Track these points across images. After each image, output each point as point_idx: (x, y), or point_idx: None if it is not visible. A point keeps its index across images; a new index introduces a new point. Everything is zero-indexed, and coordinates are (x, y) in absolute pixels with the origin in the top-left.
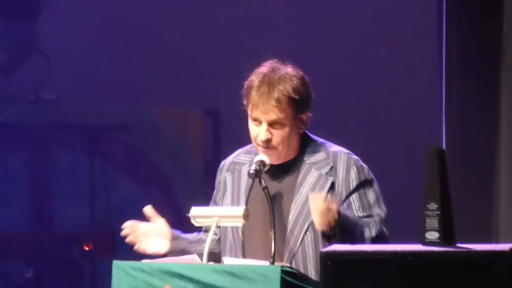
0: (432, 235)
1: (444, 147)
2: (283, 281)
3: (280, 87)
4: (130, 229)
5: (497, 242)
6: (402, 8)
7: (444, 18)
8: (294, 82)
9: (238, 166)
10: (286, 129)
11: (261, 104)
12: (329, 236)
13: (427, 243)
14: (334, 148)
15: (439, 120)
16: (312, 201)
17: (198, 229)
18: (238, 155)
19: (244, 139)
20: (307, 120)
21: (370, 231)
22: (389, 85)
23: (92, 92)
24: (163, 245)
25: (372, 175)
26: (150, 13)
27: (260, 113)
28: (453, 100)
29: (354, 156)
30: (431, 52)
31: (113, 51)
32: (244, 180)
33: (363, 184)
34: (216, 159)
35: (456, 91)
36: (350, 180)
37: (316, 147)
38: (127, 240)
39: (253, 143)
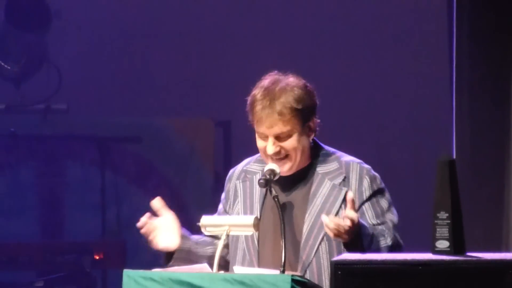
0: (443, 244)
1: (454, 156)
2: None
3: (282, 100)
4: (145, 223)
5: (507, 251)
6: (412, 17)
7: (455, 25)
8: (296, 92)
9: (250, 175)
10: (294, 139)
11: (264, 118)
12: (347, 244)
13: (437, 252)
14: (346, 158)
15: (450, 129)
16: (325, 220)
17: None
18: (249, 164)
19: (254, 149)
20: (316, 126)
21: (386, 240)
22: (400, 94)
23: (103, 102)
24: (173, 241)
25: (384, 184)
26: (161, 25)
27: (265, 128)
28: (464, 110)
29: (366, 166)
30: (441, 62)
31: (124, 62)
32: (257, 189)
33: (375, 194)
34: (226, 169)
35: (466, 100)
36: (363, 190)
37: (328, 157)
38: (142, 231)
39: (262, 156)
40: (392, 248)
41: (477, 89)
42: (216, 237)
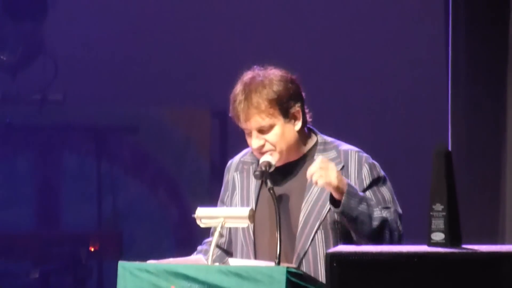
0: (438, 236)
1: (450, 148)
2: (288, 282)
3: (257, 93)
4: None
5: (503, 243)
6: (409, 11)
7: (451, 18)
8: (273, 83)
9: (247, 165)
10: (277, 130)
11: (241, 113)
12: (335, 201)
13: (433, 244)
14: (345, 146)
15: (445, 120)
16: (309, 168)
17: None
18: (246, 154)
19: None
20: (301, 114)
21: (381, 212)
22: (395, 86)
23: (99, 93)
24: None
25: (383, 172)
26: (157, 14)
27: (243, 122)
28: (460, 101)
29: (365, 154)
30: (437, 53)
31: (120, 52)
32: (254, 180)
33: (376, 181)
34: (223, 160)
35: (462, 91)
36: (363, 177)
37: (326, 146)
38: None
39: (253, 152)
40: (387, 225)
41: (472, 80)
42: (227, 252)
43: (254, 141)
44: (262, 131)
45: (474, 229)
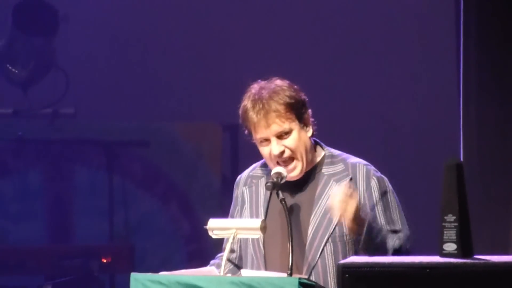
0: (450, 247)
1: (462, 159)
2: None
3: (274, 99)
4: None
5: None
6: (419, 22)
7: (462, 28)
8: (284, 89)
9: (256, 179)
10: (295, 134)
11: (261, 120)
12: (355, 234)
13: (445, 255)
14: (352, 159)
15: (457, 132)
16: (332, 194)
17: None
18: (255, 169)
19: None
20: (310, 122)
21: (393, 242)
22: (407, 98)
23: (110, 107)
24: None
25: (391, 186)
26: (168, 29)
27: (264, 130)
28: (471, 113)
29: (372, 167)
30: (448, 65)
31: (131, 67)
32: (262, 193)
33: (385, 194)
34: (234, 173)
35: (473, 103)
36: (372, 191)
37: (333, 159)
38: None
39: (269, 164)
40: (398, 253)
41: (484, 92)
42: (238, 267)
43: (275, 147)
44: (280, 137)
45: (486, 240)
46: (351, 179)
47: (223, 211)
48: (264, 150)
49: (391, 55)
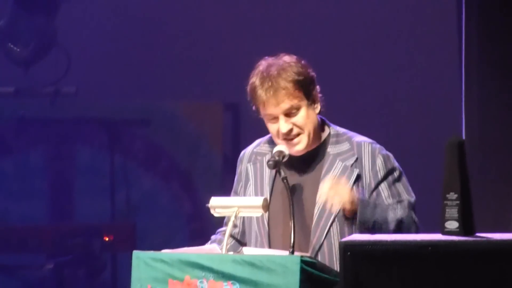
0: (452, 225)
1: (464, 137)
2: (302, 271)
3: (283, 76)
4: None
5: None
6: (422, 2)
7: (464, 8)
8: (293, 65)
9: (260, 156)
10: (303, 112)
11: (270, 98)
12: (348, 218)
13: (447, 233)
14: (358, 138)
15: (459, 110)
16: (321, 185)
17: (217, 221)
18: (259, 145)
19: (263, 132)
20: (318, 98)
21: (395, 214)
22: (409, 76)
23: (112, 86)
24: None
25: (397, 163)
26: (170, 7)
27: (273, 107)
28: (473, 91)
29: (378, 145)
30: (450, 44)
31: (133, 45)
32: (267, 171)
33: (390, 172)
34: (236, 152)
35: (476, 81)
36: (377, 169)
37: (339, 138)
38: None
39: (276, 141)
40: (403, 223)
41: (486, 70)
42: (241, 242)
43: (283, 125)
44: (289, 114)
45: (487, 219)
46: (356, 158)
47: (225, 190)
48: (272, 127)
49: (393, 34)
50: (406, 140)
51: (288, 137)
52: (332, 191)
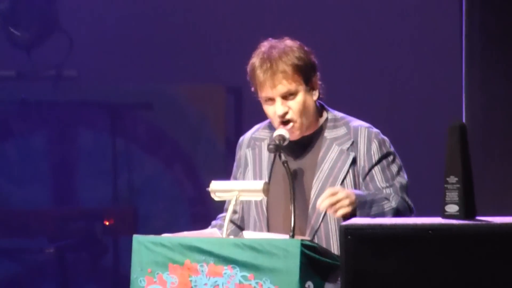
0: (452, 208)
1: (464, 121)
2: (303, 255)
3: (283, 59)
4: None
5: None
6: None
7: None
8: (295, 50)
9: (259, 141)
10: (300, 97)
11: (268, 80)
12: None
13: (447, 216)
14: (355, 122)
15: (460, 94)
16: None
17: (219, 206)
18: (258, 130)
19: (265, 115)
20: (318, 85)
21: (390, 203)
22: (409, 61)
23: (114, 69)
24: None
25: (393, 148)
26: None
27: (269, 89)
28: (474, 74)
29: (375, 130)
30: (451, 25)
31: (135, 28)
32: (266, 156)
33: (385, 156)
34: (238, 136)
35: (476, 65)
36: (372, 153)
37: (336, 122)
38: None
39: (273, 123)
40: (399, 211)
41: (487, 53)
42: (241, 228)
43: (279, 108)
44: (286, 97)
45: (488, 202)
46: (352, 142)
47: (227, 173)
48: (268, 109)
49: (393, 22)
50: (407, 124)
51: (284, 119)
52: (333, 199)
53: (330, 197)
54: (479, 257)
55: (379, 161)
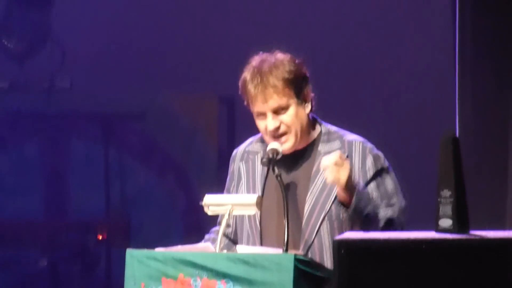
0: (446, 222)
1: (457, 134)
2: (296, 269)
3: (273, 73)
4: None
5: (511, 229)
6: None
7: (458, 2)
8: (285, 64)
9: (252, 155)
10: (292, 111)
11: (259, 95)
12: (344, 204)
13: (441, 231)
14: (349, 136)
15: (453, 107)
16: (324, 159)
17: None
18: (251, 144)
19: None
20: (310, 97)
21: (386, 212)
22: (402, 72)
23: (106, 80)
24: None
25: (388, 163)
26: (164, 1)
27: (261, 104)
28: (467, 87)
29: (369, 144)
30: (444, 39)
31: (127, 39)
32: (259, 169)
33: (380, 173)
34: (230, 147)
35: (469, 77)
36: (367, 169)
37: (330, 136)
38: None
39: (265, 137)
40: (391, 224)
41: (480, 66)
42: (234, 242)
43: (270, 123)
44: (277, 112)
45: (481, 216)
46: (347, 156)
47: (220, 185)
48: (260, 124)
49: (386, 29)
50: (399, 136)
51: (275, 134)
52: (335, 167)
53: (339, 159)
54: (472, 271)
55: (374, 177)
